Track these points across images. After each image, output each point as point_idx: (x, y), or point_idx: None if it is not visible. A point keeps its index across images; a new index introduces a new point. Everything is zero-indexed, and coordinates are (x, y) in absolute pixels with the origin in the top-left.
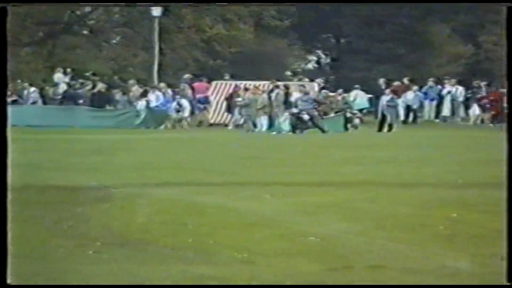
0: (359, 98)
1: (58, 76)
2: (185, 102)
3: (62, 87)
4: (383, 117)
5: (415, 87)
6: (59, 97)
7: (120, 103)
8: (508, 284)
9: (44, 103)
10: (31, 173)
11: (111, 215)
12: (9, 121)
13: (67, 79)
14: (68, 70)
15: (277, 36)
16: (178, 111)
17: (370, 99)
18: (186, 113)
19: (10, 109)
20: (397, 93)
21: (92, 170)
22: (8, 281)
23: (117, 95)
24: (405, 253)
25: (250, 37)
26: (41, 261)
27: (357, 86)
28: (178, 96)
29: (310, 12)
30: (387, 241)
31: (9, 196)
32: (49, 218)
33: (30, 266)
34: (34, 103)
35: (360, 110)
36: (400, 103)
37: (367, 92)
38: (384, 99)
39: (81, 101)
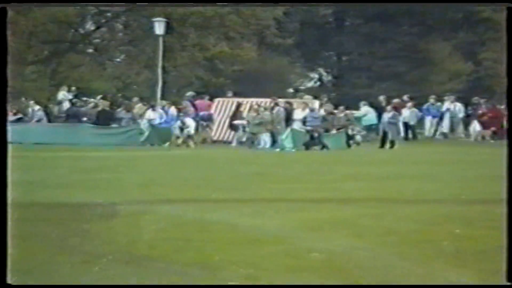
0: (369, 114)
1: (62, 94)
2: (189, 120)
3: (67, 105)
4: (385, 134)
5: (410, 104)
6: (64, 115)
7: (124, 121)
8: (508, 284)
9: (49, 121)
10: (37, 190)
11: (117, 232)
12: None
13: (71, 97)
14: (73, 88)
15: (280, 54)
16: (182, 129)
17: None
18: (191, 131)
19: (15, 128)
20: (398, 110)
21: (97, 187)
22: (8, 281)
23: (121, 112)
24: (410, 269)
25: (253, 55)
26: (47, 277)
27: (365, 102)
28: (181, 114)
29: (312, 30)
30: (391, 257)
31: (16, 213)
32: (56, 235)
33: (37, 282)
34: (39, 121)
35: (370, 126)
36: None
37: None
38: (386, 116)
39: (85, 119)
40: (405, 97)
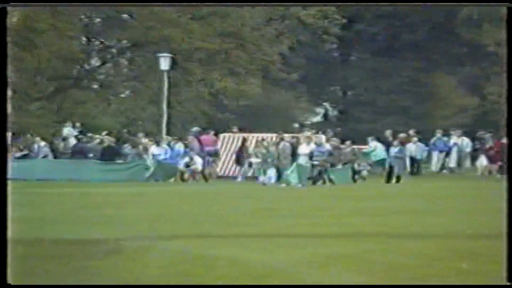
0: (378, 149)
1: (68, 130)
2: (196, 157)
3: (72, 141)
4: (391, 168)
5: (415, 138)
6: (69, 151)
7: (130, 156)
8: (508, 284)
9: (55, 157)
10: (42, 226)
11: (122, 268)
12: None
13: (76, 133)
14: (77, 124)
15: (285, 89)
16: (188, 165)
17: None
18: (199, 166)
19: (21, 164)
20: (404, 144)
21: (102, 223)
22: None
23: (126, 148)
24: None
25: (258, 90)
26: None
27: (372, 137)
28: (188, 150)
29: (317, 65)
30: None
31: (19, 249)
32: (61, 272)
33: None
34: (45, 157)
35: (379, 161)
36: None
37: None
38: (392, 151)
39: (91, 155)
40: (411, 132)
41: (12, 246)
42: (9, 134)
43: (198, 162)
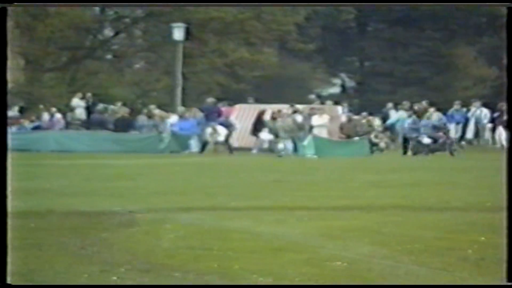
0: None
1: (75, 101)
2: (219, 127)
3: (80, 112)
4: (405, 140)
5: (432, 109)
6: (77, 122)
7: (144, 128)
8: (508, 284)
9: (68, 128)
10: (54, 198)
11: (136, 240)
12: (32, 145)
13: (83, 104)
14: (88, 95)
15: (301, 60)
16: (211, 136)
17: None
18: (222, 137)
19: (33, 135)
20: (419, 115)
21: (116, 195)
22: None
23: (141, 119)
24: (433, 277)
25: (274, 60)
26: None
27: (391, 105)
28: (206, 121)
29: (334, 35)
30: (414, 265)
31: (33, 222)
32: (73, 244)
33: None
34: (59, 128)
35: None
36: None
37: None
38: (406, 122)
39: (106, 126)
40: (423, 103)
41: (24, 218)
42: (20, 105)
43: (222, 133)
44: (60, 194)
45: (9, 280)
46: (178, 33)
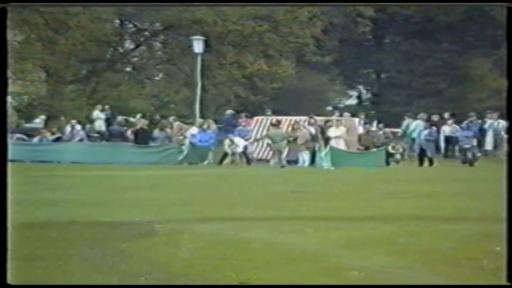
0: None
1: (96, 113)
2: (238, 139)
3: (100, 124)
4: (422, 151)
5: (450, 121)
6: (97, 134)
7: (159, 140)
8: (508, 284)
9: (88, 140)
10: (75, 209)
11: (155, 250)
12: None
13: (103, 116)
14: (106, 107)
15: (318, 72)
16: (229, 148)
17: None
18: (240, 149)
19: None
20: (436, 127)
21: (135, 206)
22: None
23: (160, 131)
24: (456, 284)
25: (292, 72)
26: None
27: (420, 115)
28: (224, 133)
29: (351, 48)
30: (431, 275)
31: (54, 232)
32: (94, 254)
33: None
34: (80, 140)
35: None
36: (441, 136)
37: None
38: (423, 133)
39: (125, 138)
40: (446, 115)
41: (45, 229)
42: (42, 117)
43: (240, 145)
44: (81, 205)
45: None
46: (197, 46)
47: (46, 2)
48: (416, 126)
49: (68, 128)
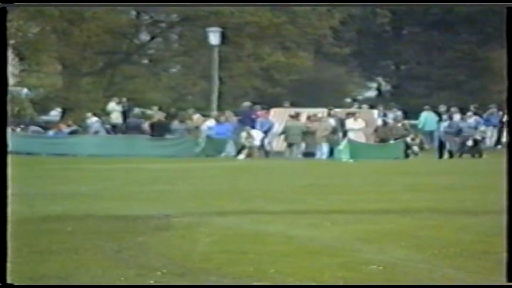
0: (428, 120)
1: (111, 105)
2: (255, 132)
3: (116, 117)
4: (441, 143)
5: (470, 113)
6: (113, 126)
7: (178, 132)
8: (508, 284)
9: (107, 132)
10: (91, 202)
11: (172, 244)
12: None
13: (119, 108)
14: (124, 99)
15: (337, 63)
16: (246, 141)
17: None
18: (257, 142)
19: (71, 140)
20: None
21: (152, 199)
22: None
23: (177, 123)
24: (469, 281)
25: (310, 64)
26: None
27: (427, 107)
28: (242, 125)
29: (370, 39)
30: (450, 269)
31: (70, 226)
32: (110, 248)
33: None
34: (96, 132)
35: (428, 133)
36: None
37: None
38: (442, 126)
39: (142, 130)
40: (471, 107)
41: (61, 222)
42: (58, 110)
43: (257, 137)
44: (97, 198)
45: (9, 280)
46: (214, 38)
47: (48, 2)
48: (429, 118)
49: (83, 121)
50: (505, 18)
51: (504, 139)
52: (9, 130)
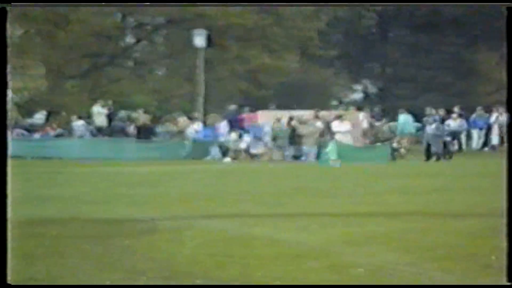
0: (405, 123)
1: (96, 108)
2: (245, 135)
3: (101, 120)
4: (428, 146)
5: (455, 115)
6: (98, 129)
7: (161, 135)
8: (508, 284)
9: (92, 135)
10: (77, 206)
11: (158, 247)
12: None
13: (104, 111)
14: (109, 102)
15: (323, 66)
16: (235, 144)
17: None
18: (244, 144)
19: (56, 143)
20: (442, 121)
21: (138, 202)
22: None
23: (162, 126)
24: (456, 284)
25: (295, 67)
26: None
27: (401, 109)
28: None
29: (356, 41)
30: (437, 272)
31: (55, 229)
32: (96, 251)
33: None
34: (81, 135)
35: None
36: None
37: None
38: (429, 128)
39: (127, 133)
40: (456, 109)
41: (46, 226)
42: (43, 113)
43: (245, 140)
44: (82, 201)
45: (9, 280)
46: (199, 40)
47: (46, 2)
48: (404, 120)
49: (68, 124)
50: (504, 19)
51: (494, 141)
52: None
